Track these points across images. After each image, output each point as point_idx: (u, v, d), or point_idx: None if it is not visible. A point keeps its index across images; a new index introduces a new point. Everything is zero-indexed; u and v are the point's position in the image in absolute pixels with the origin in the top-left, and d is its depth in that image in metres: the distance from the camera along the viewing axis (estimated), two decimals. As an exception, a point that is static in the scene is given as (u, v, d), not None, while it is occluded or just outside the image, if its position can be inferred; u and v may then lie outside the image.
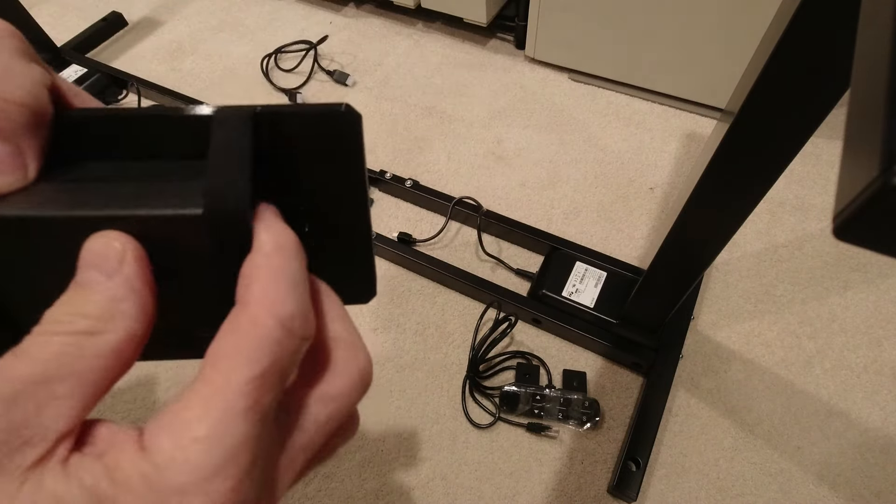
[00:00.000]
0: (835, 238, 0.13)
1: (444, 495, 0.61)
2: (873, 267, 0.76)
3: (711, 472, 0.62)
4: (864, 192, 0.12)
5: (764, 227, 0.81)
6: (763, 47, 0.36)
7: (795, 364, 0.68)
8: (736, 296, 0.74)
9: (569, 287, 0.72)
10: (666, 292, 0.58)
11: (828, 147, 0.88)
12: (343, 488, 0.61)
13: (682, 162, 0.88)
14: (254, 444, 0.13)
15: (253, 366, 0.13)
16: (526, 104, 0.98)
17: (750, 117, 0.37)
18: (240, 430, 0.13)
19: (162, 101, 0.99)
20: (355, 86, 1.02)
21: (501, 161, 0.90)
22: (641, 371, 0.68)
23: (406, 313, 0.74)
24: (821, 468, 0.61)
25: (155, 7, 1.19)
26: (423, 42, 1.09)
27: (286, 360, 0.14)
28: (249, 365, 0.13)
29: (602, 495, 0.61)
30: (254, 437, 0.13)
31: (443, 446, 0.64)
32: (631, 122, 0.94)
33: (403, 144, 0.93)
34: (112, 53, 1.10)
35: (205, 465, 0.12)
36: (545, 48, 0.99)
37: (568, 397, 0.65)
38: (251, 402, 0.13)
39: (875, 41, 0.14)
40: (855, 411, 0.65)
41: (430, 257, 0.76)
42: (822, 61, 0.32)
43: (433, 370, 0.69)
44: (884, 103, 0.12)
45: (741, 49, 0.81)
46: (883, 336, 0.70)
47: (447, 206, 0.80)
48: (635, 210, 0.83)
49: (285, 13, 1.16)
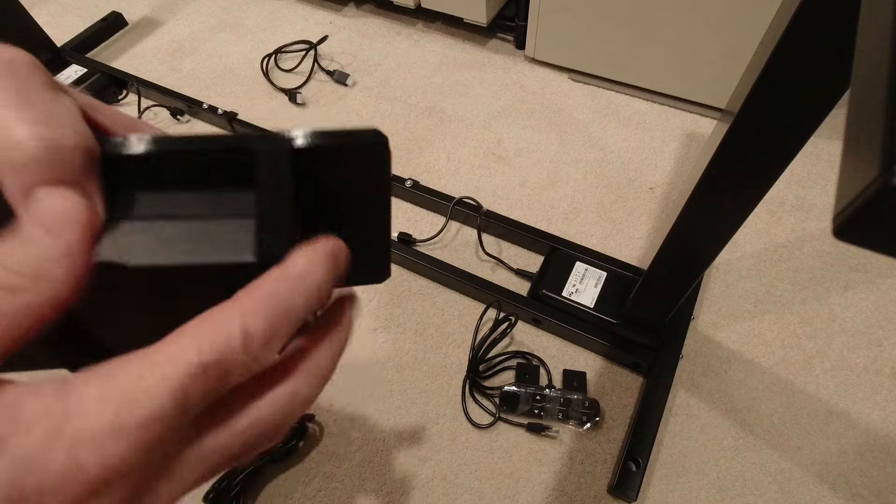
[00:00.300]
0: (835, 238, 0.13)
1: (444, 495, 0.61)
2: (873, 267, 0.76)
3: (711, 472, 0.62)
4: (864, 192, 0.12)
5: (764, 227, 0.81)
6: (763, 47, 0.36)
7: (795, 364, 0.68)
8: (736, 296, 0.74)
9: (569, 287, 0.72)
10: (666, 292, 0.58)
11: (828, 147, 0.88)
12: (343, 488, 0.61)
13: (682, 162, 0.88)
14: (165, 423, 0.13)
15: (202, 354, 0.13)
16: (526, 104, 0.98)
17: (750, 117, 0.37)
18: (158, 404, 0.13)
19: (162, 101, 0.99)
20: (355, 86, 1.02)
21: (501, 161, 0.90)
22: (641, 371, 0.68)
23: (406, 313, 0.74)
24: (821, 468, 0.61)
25: (155, 7, 1.19)
26: (423, 42, 1.09)
27: (230, 367, 0.14)
28: (199, 353, 0.13)
29: (602, 495, 0.61)
30: (168, 417, 0.13)
31: (443, 446, 0.64)
32: (631, 122, 0.94)
33: (403, 144, 0.93)
34: (112, 53, 1.10)
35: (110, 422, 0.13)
36: (545, 48, 0.99)
37: (568, 397, 0.65)
38: (182, 384, 0.13)
39: (875, 41, 0.14)
40: (855, 411, 0.65)
41: (430, 257, 0.76)
42: (822, 61, 0.32)
43: (433, 370, 0.69)
44: (884, 103, 0.12)
45: (741, 49, 0.81)
46: (883, 336, 0.70)
47: (447, 206, 0.80)
48: (635, 210, 0.83)
49: (285, 13, 1.16)
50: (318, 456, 0.63)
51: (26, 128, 0.14)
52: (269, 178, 0.16)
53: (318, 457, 0.63)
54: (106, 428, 0.13)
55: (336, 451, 0.64)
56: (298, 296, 0.15)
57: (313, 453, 0.64)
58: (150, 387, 0.13)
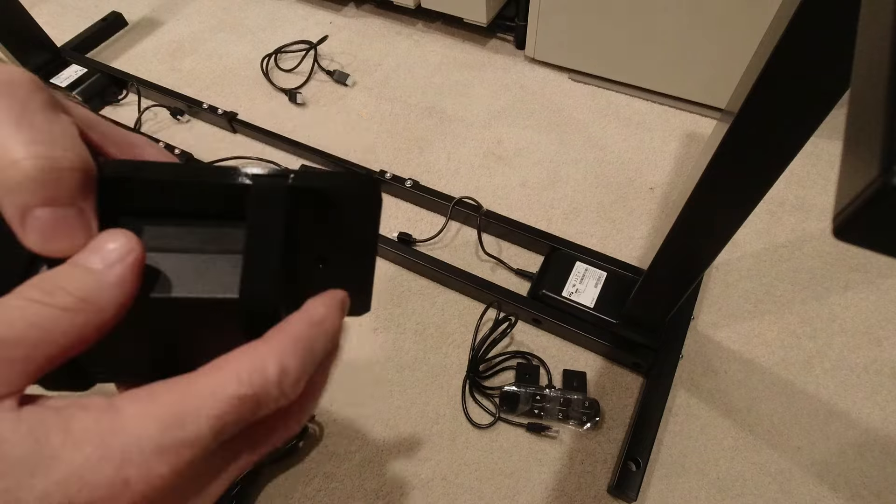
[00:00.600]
0: (835, 238, 0.13)
1: (444, 495, 0.61)
2: (873, 267, 0.76)
3: (711, 472, 0.62)
4: (864, 192, 0.12)
5: (764, 227, 0.81)
6: (763, 47, 0.36)
7: (795, 364, 0.68)
8: (736, 296, 0.74)
9: (569, 287, 0.72)
10: (666, 292, 0.58)
11: (828, 147, 0.88)
12: (343, 488, 0.61)
13: (682, 162, 0.88)
14: (202, 446, 0.14)
15: (241, 387, 0.14)
16: (526, 104, 0.98)
17: (750, 117, 0.37)
18: (198, 428, 0.14)
19: (162, 101, 0.99)
20: (355, 86, 1.02)
21: (501, 161, 0.90)
22: (641, 371, 0.68)
23: (406, 313, 0.74)
24: (821, 468, 0.61)
25: (155, 7, 1.19)
26: (423, 42, 1.09)
27: (263, 401, 0.15)
28: (239, 385, 0.14)
29: (602, 495, 0.61)
30: (205, 440, 0.14)
31: (443, 446, 0.64)
32: (631, 122, 0.94)
33: (403, 144, 0.93)
34: (112, 53, 1.10)
35: (157, 442, 0.13)
36: (545, 48, 0.99)
37: (568, 397, 0.65)
38: (220, 413, 0.14)
39: (875, 41, 0.14)
40: (855, 411, 0.65)
41: (430, 257, 0.76)
42: (822, 61, 0.32)
43: (433, 370, 0.69)
44: (884, 103, 0.12)
45: (741, 49, 0.81)
46: (883, 336, 0.70)
47: (447, 206, 0.80)
48: (635, 210, 0.83)
49: (285, 13, 1.16)
50: (318, 456, 0.63)
51: (23, 148, 0.14)
52: (260, 215, 0.16)
53: (318, 457, 0.63)
54: (153, 447, 0.13)
55: (336, 451, 0.64)
56: (321, 339, 0.17)
57: (313, 453, 0.64)
58: (192, 411, 0.14)
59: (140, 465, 0.13)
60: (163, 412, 0.14)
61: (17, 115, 0.14)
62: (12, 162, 0.14)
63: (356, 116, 0.97)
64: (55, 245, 0.15)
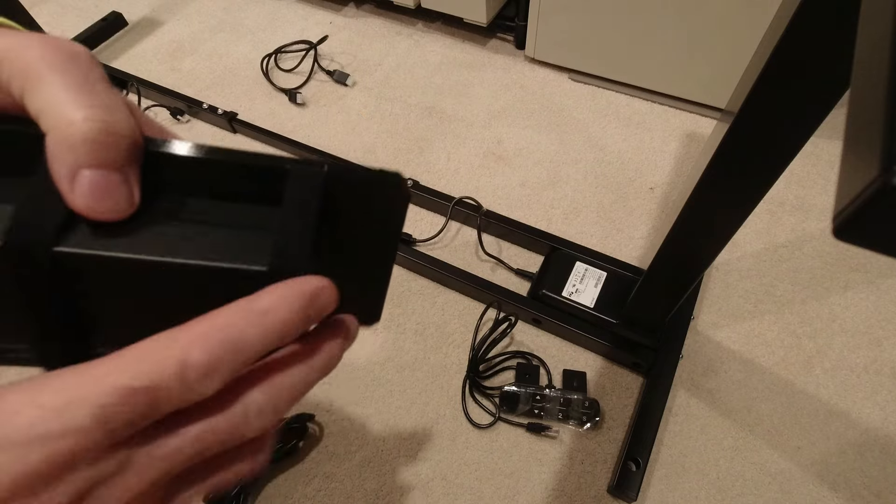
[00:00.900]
0: (835, 238, 0.13)
1: (444, 495, 0.61)
2: (873, 267, 0.76)
3: (711, 472, 0.62)
4: (864, 192, 0.12)
5: (764, 227, 0.81)
6: (763, 47, 0.36)
7: (795, 364, 0.68)
8: (736, 296, 0.74)
9: (569, 287, 0.72)
10: (666, 292, 0.58)
11: (828, 147, 0.88)
12: (343, 488, 0.61)
13: (682, 162, 0.88)
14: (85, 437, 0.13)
15: (133, 380, 0.14)
16: (526, 104, 0.98)
17: (750, 117, 0.37)
18: (74, 419, 0.13)
19: (162, 101, 0.99)
20: (355, 86, 1.02)
21: (501, 161, 0.90)
22: (641, 371, 0.68)
23: (406, 313, 0.74)
24: (821, 468, 0.61)
25: (155, 7, 1.19)
26: (423, 42, 1.09)
27: (164, 394, 0.14)
28: (132, 377, 0.14)
29: (602, 495, 0.61)
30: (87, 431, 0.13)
31: (443, 446, 0.64)
32: (631, 122, 0.94)
33: (403, 144, 0.93)
34: (112, 53, 1.10)
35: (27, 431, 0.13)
36: (545, 48, 0.99)
37: (568, 397, 0.65)
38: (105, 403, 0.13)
39: (875, 41, 0.14)
40: (855, 411, 0.65)
41: (430, 257, 0.76)
42: (822, 61, 0.32)
43: (433, 370, 0.69)
44: (884, 103, 0.12)
45: (741, 49, 0.81)
46: (883, 336, 0.70)
47: (447, 206, 0.80)
48: (635, 210, 0.83)
49: (285, 13, 1.16)
50: (318, 456, 0.63)
51: (82, 111, 0.15)
52: (298, 198, 0.17)
53: (318, 457, 0.63)
54: (26, 434, 0.13)
55: (336, 451, 0.64)
56: (254, 332, 0.15)
57: (313, 453, 0.64)
58: (77, 400, 0.13)
59: (9, 452, 0.13)
60: (46, 399, 0.13)
61: (79, 82, 0.15)
62: (70, 122, 0.14)
63: (356, 116, 0.97)
64: (99, 205, 0.15)
